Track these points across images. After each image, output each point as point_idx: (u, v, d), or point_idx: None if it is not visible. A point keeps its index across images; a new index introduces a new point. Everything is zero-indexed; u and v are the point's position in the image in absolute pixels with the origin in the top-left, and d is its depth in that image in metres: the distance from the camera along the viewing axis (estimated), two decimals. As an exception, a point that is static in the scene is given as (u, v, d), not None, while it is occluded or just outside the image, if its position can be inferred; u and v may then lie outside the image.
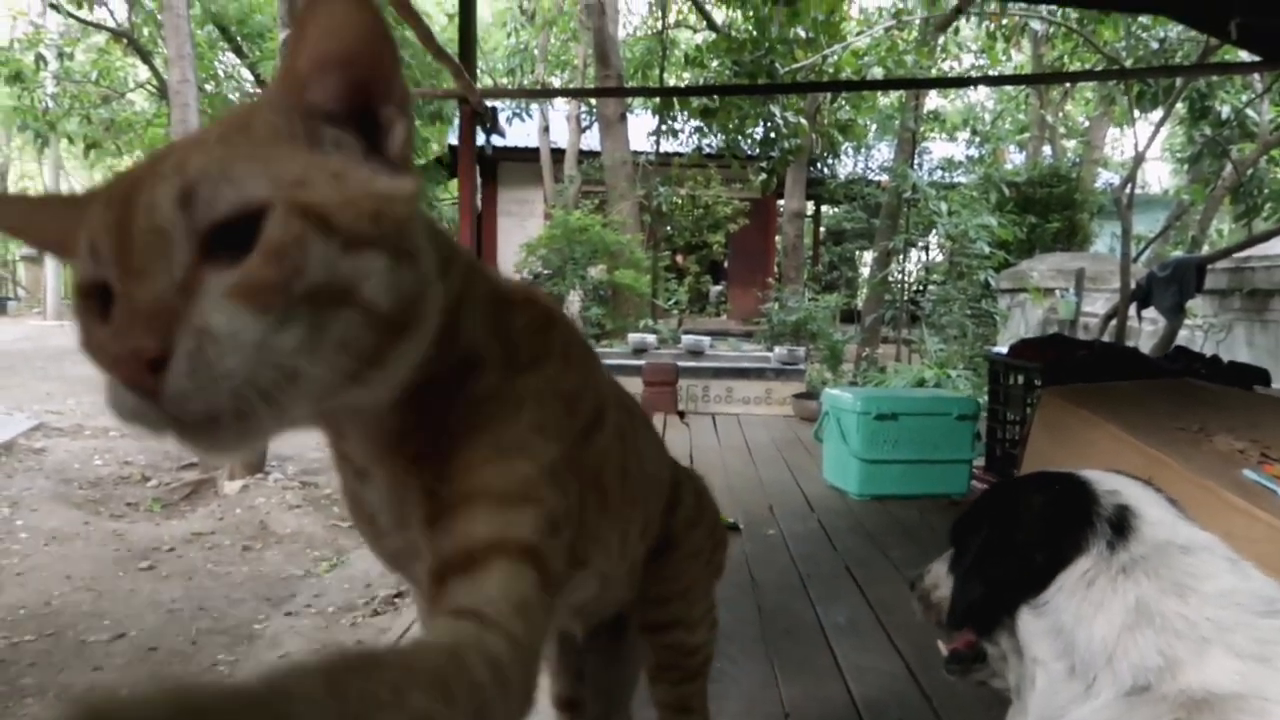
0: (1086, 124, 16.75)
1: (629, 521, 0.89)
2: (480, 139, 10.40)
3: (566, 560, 0.67)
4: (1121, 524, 1.02)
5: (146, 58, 11.93)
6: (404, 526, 0.67)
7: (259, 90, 12.53)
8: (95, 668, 2.83)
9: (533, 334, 0.69)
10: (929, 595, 1.29)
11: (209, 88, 12.57)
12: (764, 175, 9.89)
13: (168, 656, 2.94)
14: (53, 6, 11.53)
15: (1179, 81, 9.31)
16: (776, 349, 8.43)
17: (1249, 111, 10.83)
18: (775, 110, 8.66)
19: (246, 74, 13.40)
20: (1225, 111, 11.21)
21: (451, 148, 12.54)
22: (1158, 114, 9.30)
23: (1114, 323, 8.35)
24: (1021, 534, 1.07)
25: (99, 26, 11.66)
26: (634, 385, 6.57)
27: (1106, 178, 14.74)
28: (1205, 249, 10.67)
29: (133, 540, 4.08)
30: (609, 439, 0.79)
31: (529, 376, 0.66)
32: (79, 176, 23.62)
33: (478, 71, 6.86)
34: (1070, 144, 16.92)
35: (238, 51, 12.94)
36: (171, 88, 4.92)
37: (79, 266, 0.50)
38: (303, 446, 5.79)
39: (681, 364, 7.25)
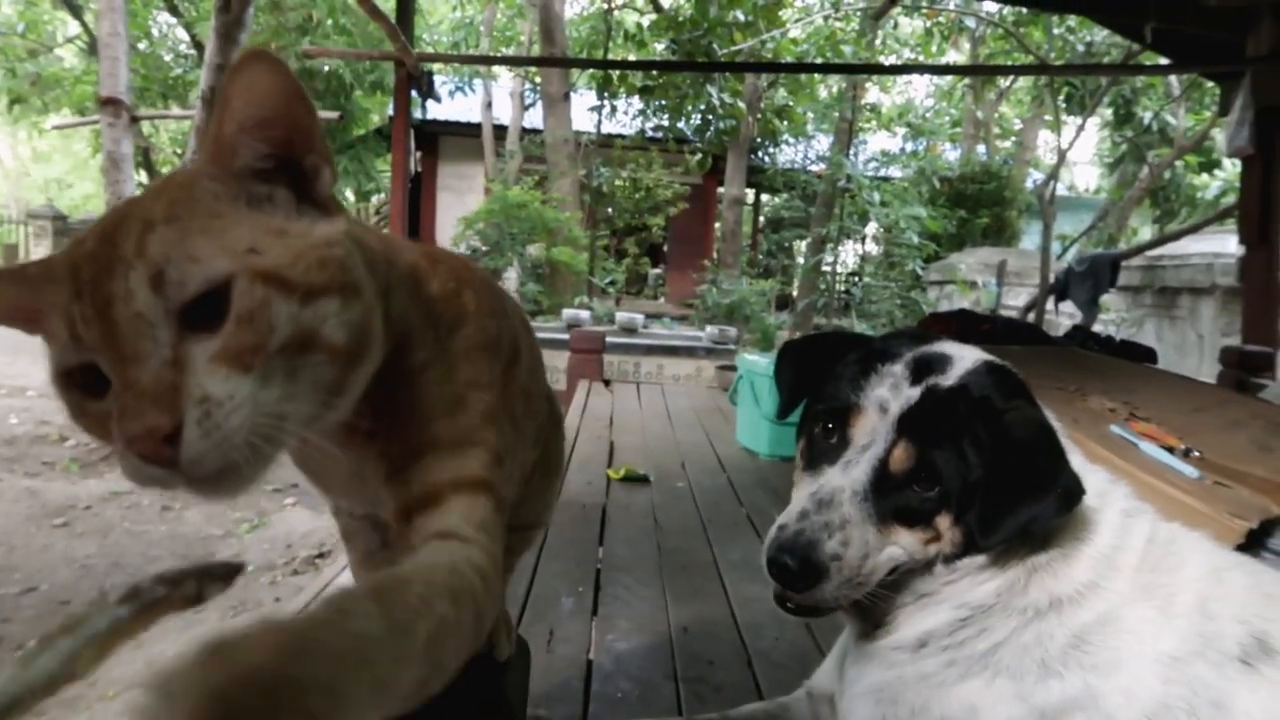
0: (1020, 125, 17.25)
1: (529, 434, 0.97)
2: (417, 110, 10.30)
3: (511, 483, 0.81)
4: None
5: (76, 11, 11.58)
6: (362, 483, 0.76)
7: (194, 52, 12.24)
8: (3, 619, 2.78)
9: (447, 299, 0.76)
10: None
11: (142, 46, 12.24)
12: (699, 155, 10.00)
13: (79, 611, 2.90)
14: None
15: (1104, 84, 9.69)
16: (709, 328, 8.54)
17: (1168, 118, 11.29)
18: (713, 91, 8.78)
19: (182, 34, 13.08)
20: (1147, 117, 11.71)
21: (392, 118, 12.41)
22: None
23: (1032, 314, 8.67)
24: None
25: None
26: (563, 357, 6.64)
27: (1036, 178, 15.21)
28: (1121, 247, 11.14)
29: (47, 498, 3.99)
30: (523, 368, 0.89)
31: (454, 338, 0.75)
32: (2, 132, 22.77)
33: (421, 43, 6.83)
34: (1004, 144, 17.41)
35: (173, 10, 12.62)
36: (101, 41, 4.57)
37: (59, 352, 0.55)
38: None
39: (614, 340, 7.28)
